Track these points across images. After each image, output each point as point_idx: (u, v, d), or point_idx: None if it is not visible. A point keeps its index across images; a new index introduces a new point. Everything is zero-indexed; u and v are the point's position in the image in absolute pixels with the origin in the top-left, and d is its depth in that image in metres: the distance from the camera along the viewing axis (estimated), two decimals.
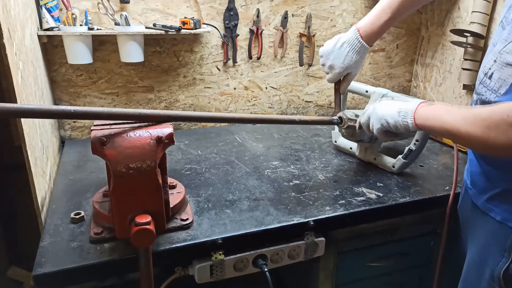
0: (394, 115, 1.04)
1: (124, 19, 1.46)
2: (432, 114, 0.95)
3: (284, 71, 1.89)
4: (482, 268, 0.96)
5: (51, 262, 0.91)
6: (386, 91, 1.38)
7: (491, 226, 0.95)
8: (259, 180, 1.32)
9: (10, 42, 0.99)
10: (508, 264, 0.90)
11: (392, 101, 1.11)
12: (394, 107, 1.05)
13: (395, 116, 1.04)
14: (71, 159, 1.45)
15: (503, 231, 0.91)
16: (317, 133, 1.76)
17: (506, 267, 0.91)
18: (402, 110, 1.02)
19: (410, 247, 1.32)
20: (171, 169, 1.35)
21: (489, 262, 0.95)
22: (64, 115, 0.89)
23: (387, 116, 1.06)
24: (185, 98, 1.77)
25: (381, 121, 1.08)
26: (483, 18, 1.57)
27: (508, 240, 0.90)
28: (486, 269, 0.95)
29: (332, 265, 1.23)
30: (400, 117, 1.02)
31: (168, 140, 0.92)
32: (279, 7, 1.77)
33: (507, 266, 0.90)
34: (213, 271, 1.02)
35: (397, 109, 1.04)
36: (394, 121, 1.04)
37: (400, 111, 1.03)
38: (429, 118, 0.96)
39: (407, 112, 1.01)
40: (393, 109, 1.05)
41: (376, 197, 1.22)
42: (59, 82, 1.58)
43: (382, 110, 1.09)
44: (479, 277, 0.98)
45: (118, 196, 0.90)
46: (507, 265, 0.91)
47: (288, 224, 1.08)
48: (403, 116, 1.02)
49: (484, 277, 0.96)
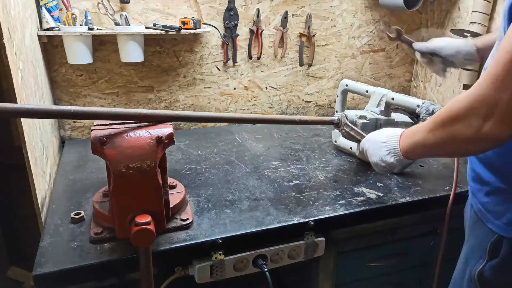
0: (385, 157, 1.04)
1: (124, 19, 1.46)
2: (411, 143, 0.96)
3: (284, 71, 1.89)
4: (466, 269, 0.98)
5: (51, 262, 0.91)
6: (386, 91, 1.38)
7: (480, 229, 0.95)
8: (259, 180, 1.32)
9: (10, 42, 0.99)
10: (483, 265, 0.92)
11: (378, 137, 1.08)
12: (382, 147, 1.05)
13: (386, 158, 1.04)
14: (71, 159, 1.45)
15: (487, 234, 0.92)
16: (317, 133, 1.76)
17: (481, 268, 0.92)
18: (390, 149, 1.02)
19: (410, 247, 1.32)
20: (171, 169, 1.35)
21: (470, 263, 0.96)
22: (64, 115, 0.89)
23: (380, 161, 1.07)
24: (185, 98, 1.77)
25: (377, 167, 1.10)
26: (483, 18, 1.57)
27: (489, 243, 0.91)
28: (468, 269, 0.97)
29: (332, 265, 1.23)
30: (391, 157, 1.03)
31: (168, 140, 0.92)
32: (279, 7, 1.77)
33: (482, 267, 0.92)
34: (213, 271, 1.02)
35: (385, 150, 1.04)
36: (386, 163, 1.05)
37: (389, 151, 1.03)
38: (410, 148, 0.97)
39: (395, 149, 1.01)
40: (382, 150, 1.04)
41: (376, 197, 1.22)
42: (59, 82, 1.58)
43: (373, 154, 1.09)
44: (463, 277, 1.00)
45: (118, 196, 0.90)
46: (482, 265, 0.92)
47: (288, 224, 1.08)
48: (393, 155, 1.02)
49: (465, 277, 0.98)
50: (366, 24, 1.94)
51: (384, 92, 1.38)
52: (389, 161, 1.03)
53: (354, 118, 1.31)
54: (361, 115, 1.33)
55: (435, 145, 0.86)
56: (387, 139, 1.03)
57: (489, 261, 0.91)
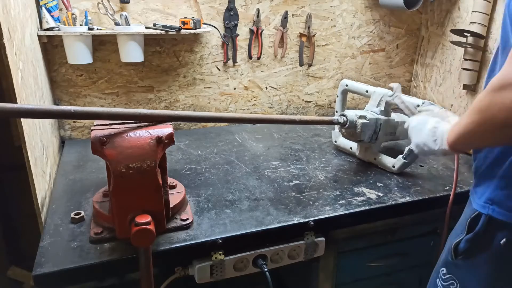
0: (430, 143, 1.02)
1: (124, 19, 1.46)
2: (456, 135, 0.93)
3: (284, 71, 1.89)
4: (449, 243, 1.04)
5: (51, 262, 0.91)
6: (386, 91, 1.38)
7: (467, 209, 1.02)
8: (259, 180, 1.32)
9: (10, 42, 0.99)
10: (460, 239, 0.98)
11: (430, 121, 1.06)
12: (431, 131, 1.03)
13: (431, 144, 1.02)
14: (71, 159, 1.45)
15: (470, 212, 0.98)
16: (317, 133, 1.76)
17: (459, 240, 0.99)
18: (437, 137, 1.01)
19: (410, 247, 1.32)
20: (171, 169, 1.35)
21: (452, 237, 1.03)
22: (64, 115, 0.89)
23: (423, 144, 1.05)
24: (185, 98, 1.77)
25: (417, 148, 1.08)
26: (483, 18, 1.57)
27: (468, 219, 0.97)
28: (449, 243, 1.03)
29: (332, 265, 1.23)
30: (436, 145, 1.01)
31: (168, 140, 0.92)
32: (279, 7, 1.77)
33: (460, 240, 0.98)
34: (213, 271, 1.02)
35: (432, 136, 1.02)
36: (429, 149, 1.03)
37: (436, 139, 1.01)
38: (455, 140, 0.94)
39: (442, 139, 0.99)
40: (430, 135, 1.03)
41: (376, 197, 1.22)
42: (59, 82, 1.58)
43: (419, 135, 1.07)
44: (444, 251, 1.06)
45: (118, 196, 0.90)
46: (460, 239, 0.98)
47: (288, 224, 1.08)
48: (439, 144, 1.00)
49: (445, 249, 1.05)
50: (366, 24, 1.94)
51: (384, 92, 1.38)
52: (432, 148, 1.02)
53: (354, 118, 1.31)
54: (361, 115, 1.33)
55: (476, 131, 0.83)
56: (438, 125, 1.02)
57: (466, 235, 0.98)
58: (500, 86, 0.74)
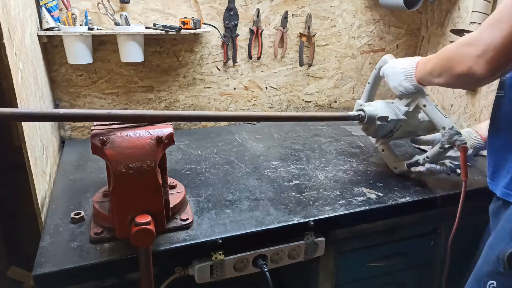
0: (403, 82, 1.19)
1: (124, 19, 1.46)
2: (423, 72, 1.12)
3: (284, 71, 1.89)
4: (492, 252, 0.98)
5: (51, 262, 0.91)
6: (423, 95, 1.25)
7: (505, 212, 0.98)
8: (259, 180, 1.31)
9: (10, 42, 0.99)
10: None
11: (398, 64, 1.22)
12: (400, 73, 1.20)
13: (403, 83, 1.20)
14: (71, 159, 1.45)
15: None
16: (317, 133, 1.76)
17: None
18: (407, 75, 1.18)
19: (410, 247, 1.32)
20: (171, 169, 1.35)
21: (499, 245, 0.96)
22: (58, 118, 0.88)
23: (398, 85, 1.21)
24: (185, 98, 1.77)
25: (395, 90, 1.24)
26: (483, 18, 1.57)
27: None
28: (494, 252, 0.97)
29: (332, 265, 1.23)
30: (407, 82, 1.18)
31: (168, 140, 0.92)
32: (279, 7, 1.77)
33: None
34: (213, 271, 1.02)
35: (403, 76, 1.19)
36: (403, 87, 1.20)
37: (406, 77, 1.18)
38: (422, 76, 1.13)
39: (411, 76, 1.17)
40: (401, 76, 1.19)
41: (376, 197, 1.22)
42: (59, 82, 1.58)
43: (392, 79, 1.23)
44: (487, 261, 0.99)
45: (118, 196, 0.90)
46: None
47: (288, 224, 1.08)
48: (409, 80, 1.18)
49: (491, 259, 0.98)
50: (366, 24, 1.94)
51: (420, 95, 1.24)
52: (405, 85, 1.19)
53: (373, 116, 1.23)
54: (382, 116, 1.24)
55: (439, 73, 1.02)
56: (405, 65, 1.18)
57: None
58: (467, 42, 0.90)
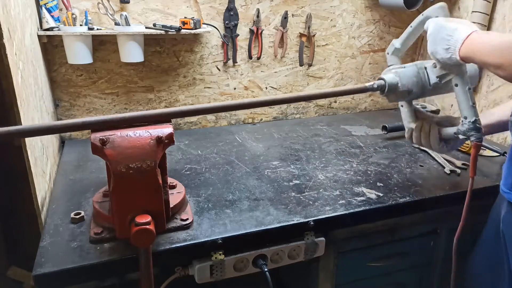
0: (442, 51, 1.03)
1: (124, 19, 1.46)
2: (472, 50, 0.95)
3: (284, 71, 1.89)
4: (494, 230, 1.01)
5: (51, 262, 0.91)
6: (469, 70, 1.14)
7: None
8: (259, 180, 1.31)
9: (10, 42, 0.99)
10: None
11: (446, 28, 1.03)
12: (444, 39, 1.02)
13: (442, 52, 1.03)
14: (71, 159, 1.45)
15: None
16: (317, 133, 1.76)
17: None
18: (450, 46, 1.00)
19: (410, 247, 1.32)
20: (171, 169, 1.35)
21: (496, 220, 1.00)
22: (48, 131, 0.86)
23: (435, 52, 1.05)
24: (185, 98, 1.77)
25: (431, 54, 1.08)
26: (483, 18, 1.57)
27: None
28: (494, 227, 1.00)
29: (332, 265, 1.23)
30: (447, 54, 1.01)
31: (168, 140, 0.92)
32: (279, 7, 1.77)
33: None
34: (213, 271, 1.02)
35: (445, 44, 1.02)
36: (440, 57, 1.04)
37: (448, 48, 1.01)
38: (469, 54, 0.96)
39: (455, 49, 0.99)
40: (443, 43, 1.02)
41: (376, 197, 1.22)
42: (59, 82, 1.58)
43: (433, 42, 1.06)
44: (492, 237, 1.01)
45: (118, 196, 0.90)
46: None
47: (288, 224, 1.08)
48: (451, 53, 1.00)
49: None
50: (366, 24, 1.94)
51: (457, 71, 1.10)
52: (444, 56, 1.02)
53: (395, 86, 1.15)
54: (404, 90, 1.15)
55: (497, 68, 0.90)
56: (453, 34, 1.00)
57: None
58: None
